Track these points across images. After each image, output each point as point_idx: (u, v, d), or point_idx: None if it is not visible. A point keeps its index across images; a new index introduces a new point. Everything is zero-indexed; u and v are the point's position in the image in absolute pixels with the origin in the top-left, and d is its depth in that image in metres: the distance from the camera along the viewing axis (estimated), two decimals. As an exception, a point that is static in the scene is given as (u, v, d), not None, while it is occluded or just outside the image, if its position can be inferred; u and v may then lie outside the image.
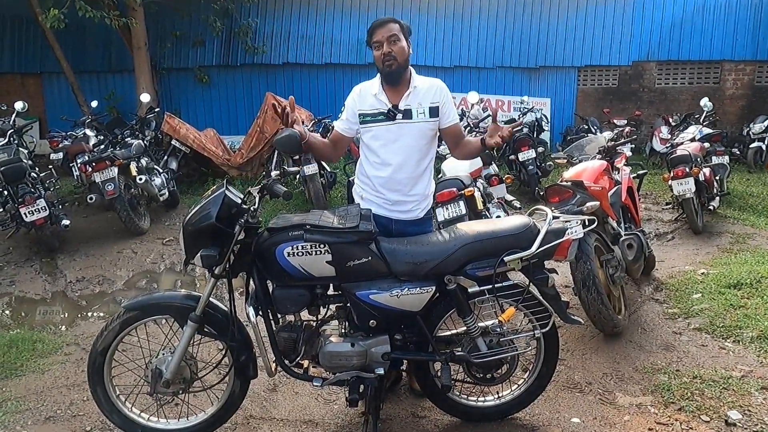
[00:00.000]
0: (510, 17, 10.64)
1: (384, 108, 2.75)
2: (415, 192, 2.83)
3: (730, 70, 10.48)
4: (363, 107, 2.78)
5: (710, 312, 3.93)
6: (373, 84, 2.82)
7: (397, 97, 2.76)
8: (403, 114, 2.74)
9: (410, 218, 2.86)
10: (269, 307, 2.57)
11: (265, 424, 2.93)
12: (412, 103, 2.75)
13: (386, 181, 2.79)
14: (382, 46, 2.69)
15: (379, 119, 2.76)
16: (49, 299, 5.05)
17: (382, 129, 2.76)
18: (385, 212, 2.83)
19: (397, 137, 2.75)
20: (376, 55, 2.73)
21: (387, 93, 2.77)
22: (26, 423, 2.97)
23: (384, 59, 2.69)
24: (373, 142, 2.79)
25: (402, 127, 2.75)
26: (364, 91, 2.82)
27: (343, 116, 2.87)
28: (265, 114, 8.20)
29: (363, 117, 2.78)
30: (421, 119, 2.75)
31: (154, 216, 7.07)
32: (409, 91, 2.75)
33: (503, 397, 2.86)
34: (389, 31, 2.70)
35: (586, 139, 5.02)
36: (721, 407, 2.89)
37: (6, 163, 5.82)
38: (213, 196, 2.46)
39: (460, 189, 4.43)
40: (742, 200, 7.23)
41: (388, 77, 2.74)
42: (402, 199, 2.82)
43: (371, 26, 2.76)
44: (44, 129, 10.71)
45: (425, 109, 2.75)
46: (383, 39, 2.69)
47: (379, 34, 2.70)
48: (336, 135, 2.92)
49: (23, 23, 10.84)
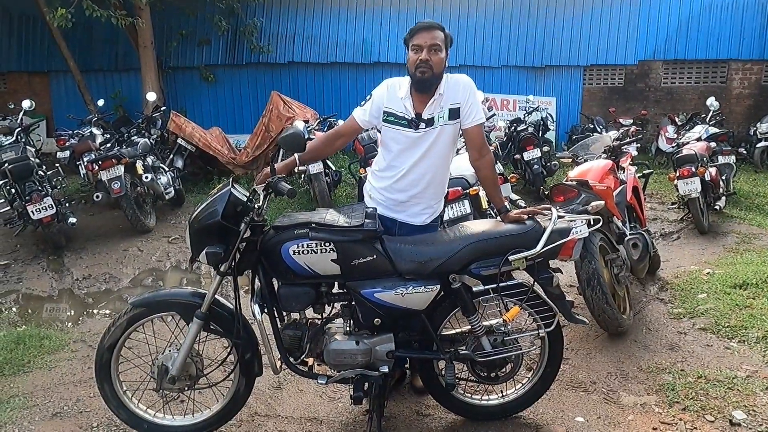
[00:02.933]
0: (515, 16, 10.62)
1: (408, 115, 2.69)
2: (425, 197, 2.81)
3: (736, 69, 10.42)
4: (390, 106, 2.72)
5: (715, 312, 3.92)
6: (402, 85, 2.74)
7: (421, 105, 2.69)
8: (426, 123, 2.69)
9: (416, 223, 2.84)
10: (274, 304, 2.59)
11: (270, 421, 2.94)
12: (435, 110, 2.69)
13: (398, 184, 2.78)
14: (421, 51, 2.59)
15: (402, 123, 2.71)
16: (55, 296, 5.09)
17: (403, 134, 2.72)
18: (391, 213, 2.83)
19: (416, 144, 2.72)
20: (411, 57, 2.63)
21: (413, 99, 2.70)
22: (34, 419, 3.00)
23: (419, 65, 2.59)
24: (393, 144, 2.77)
25: (423, 136, 2.70)
26: (392, 89, 2.74)
27: (367, 107, 2.77)
28: (271, 113, 8.22)
29: (387, 116, 2.73)
30: (441, 123, 2.69)
31: (160, 214, 7.11)
32: (434, 99, 2.68)
33: (507, 395, 2.87)
34: (433, 38, 2.60)
35: (592, 139, 5.01)
36: (726, 407, 2.89)
37: (14, 161, 5.86)
38: (219, 194, 2.48)
39: (465, 188, 4.43)
40: (749, 200, 7.20)
41: (419, 84, 2.65)
42: (409, 202, 2.81)
43: (416, 26, 2.65)
44: (51, 127, 10.78)
45: (445, 113, 2.68)
46: (425, 45, 2.59)
47: (421, 38, 2.60)
48: (349, 123, 2.85)
49: (31, 22, 10.91)
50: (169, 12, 10.11)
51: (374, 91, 2.79)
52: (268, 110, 8.33)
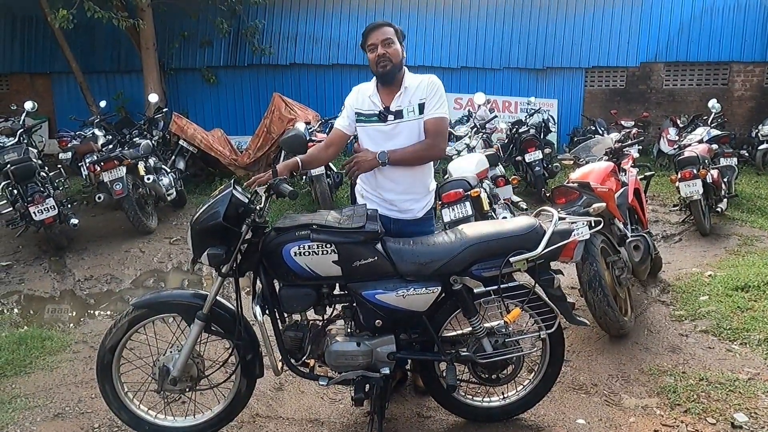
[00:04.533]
0: (517, 18, 10.62)
1: (377, 109, 2.82)
2: (411, 191, 2.87)
3: (738, 71, 10.41)
4: (359, 107, 2.86)
5: (717, 314, 3.92)
6: (369, 85, 2.90)
7: (389, 99, 2.82)
8: (395, 115, 2.80)
9: (408, 218, 2.89)
10: (276, 306, 2.59)
11: (271, 422, 2.94)
12: (403, 103, 2.80)
13: (381, 180, 2.85)
14: (377, 49, 2.75)
15: (372, 120, 2.83)
16: (57, 297, 5.09)
17: (375, 129, 2.84)
18: (384, 211, 2.87)
19: (389, 137, 2.81)
20: (370, 58, 2.79)
21: (380, 94, 2.84)
22: (35, 419, 3.00)
23: (378, 61, 2.74)
24: (368, 141, 2.87)
25: (394, 128, 2.81)
26: (361, 92, 2.90)
27: (343, 114, 2.97)
28: (272, 114, 8.23)
29: (359, 116, 2.87)
30: (411, 117, 2.80)
31: (162, 215, 7.11)
32: (401, 92, 2.80)
33: (508, 397, 2.87)
34: (384, 34, 2.76)
35: (593, 141, 5.00)
36: (728, 409, 2.88)
37: (16, 162, 5.87)
38: (220, 196, 2.48)
39: (467, 190, 4.44)
40: (751, 202, 7.19)
41: (382, 78, 2.81)
42: (397, 198, 2.86)
43: (366, 30, 2.82)
44: (53, 129, 10.78)
45: (414, 107, 2.80)
46: (378, 42, 2.75)
47: (373, 37, 2.77)
48: (335, 133, 3.00)
49: (33, 24, 10.94)
50: (171, 14, 10.13)
51: (346, 99, 2.94)
52: (269, 112, 8.34)
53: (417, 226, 2.89)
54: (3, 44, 11.22)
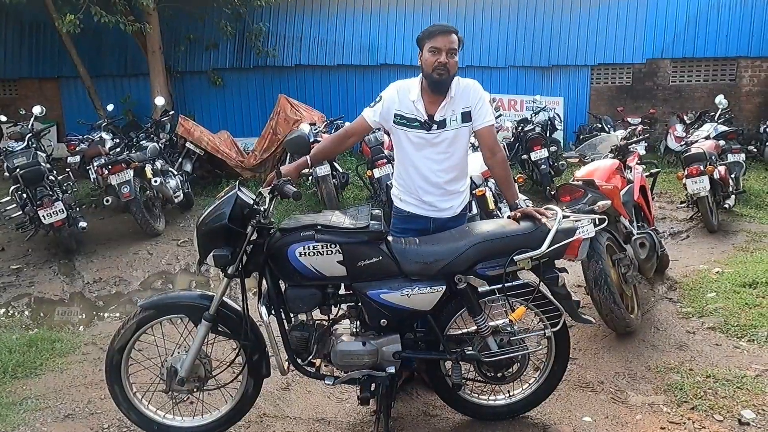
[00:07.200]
0: (522, 16, 10.59)
1: (420, 117, 2.77)
2: (449, 192, 2.89)
3: (746, 66, 10.32)
4: (401, 108, 2.80)
5: (724, 311, 3.90)
6: (412, 87, 2.81)
7: (433, 107, 2.77)
8: (438, 124, 2.77)
9: (447, 216, 2.91)
10: (281, 306, 2.61)
11: (278, 422, 2.96)
12: (447, 113, 2.77)
13: (421, 184, 2.85)
14: (440, 54, 2.66)
15: (414, 125, 2.79)
16: (67, 300, 5.14)
17: (417, 135, 2.80)
18: (423, 212, 2.89)
19: (432, 144, 2.80)
20: (427, 59, 2.69)
21: (425, 101, 2.77)
22: (46, 420, 3.04)
23: (437, 67, 2.66)
24: (408, 145, 2.84)
25: (437, 136, 2.79)
26: (402, 92, 2.81)
27: (377, 108, 2.84)
28: (278, 116, 8.27)
29: (399, 118, 2.81)
30: (454, 126, 2.78)
31: (169, 218, 7.16)
32: (446, 102, 2.76)
33: (514, 395, 2.87)
34: (451, 42, 2.69)
35: (599, 138, 4.99)
36: (735, 406, 2.87)
37: (25, 166, 5.93)
38: (226, 197, 2.50)
39: (472, 189, 4.43)
40: (759, 198, 7.14)
41: (435, 86, 2.72)
42: (437, 200, 2.88)
43: (433, 28, 2.72)
44: (62, 133, 10.89)
45: (458, 116, 2.77)
46: (443, 48, 2.67)
47: (440, 41, 2.67)
48: (359, 123, 2.91)
49: (41, 29, 11.05)
50: (177, 17, 10.21)
51: (384, 93, 2.85)
52: (275, 113, 8.38)
53: (455, 222, 2.92)
54: (11, 50, 11.35)
